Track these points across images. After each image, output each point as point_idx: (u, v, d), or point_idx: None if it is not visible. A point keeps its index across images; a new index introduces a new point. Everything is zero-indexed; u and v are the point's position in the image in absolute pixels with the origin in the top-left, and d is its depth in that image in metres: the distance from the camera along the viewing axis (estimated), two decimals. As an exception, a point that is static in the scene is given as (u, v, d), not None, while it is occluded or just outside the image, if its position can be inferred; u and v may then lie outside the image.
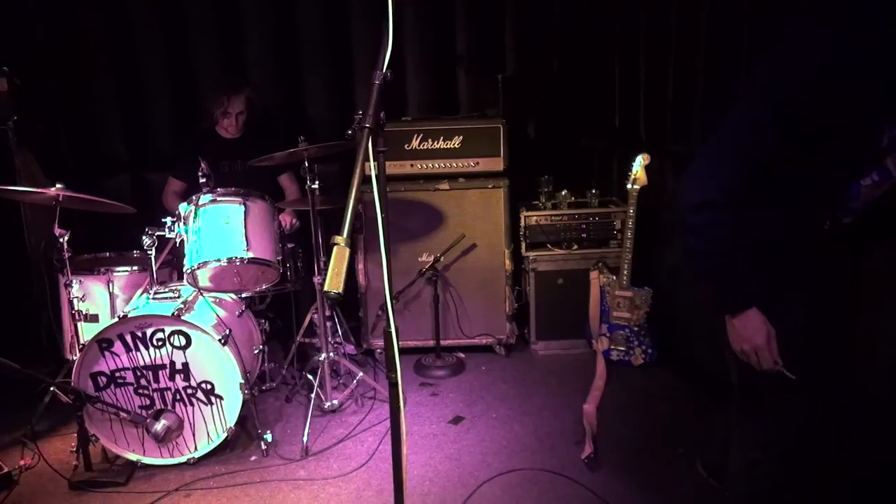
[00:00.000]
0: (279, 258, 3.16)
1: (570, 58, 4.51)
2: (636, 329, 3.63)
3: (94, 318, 3.23)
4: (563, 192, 4.00)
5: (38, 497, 2.71)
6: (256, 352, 3.30)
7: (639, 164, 3.52)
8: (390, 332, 1.57)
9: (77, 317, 3.07)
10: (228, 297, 3.31)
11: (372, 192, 1.56)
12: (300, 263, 3.52)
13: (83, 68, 4.29)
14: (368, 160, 1.48)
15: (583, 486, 2.60)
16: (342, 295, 1.30)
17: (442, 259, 3.73)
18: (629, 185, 3.56)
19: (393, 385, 1.59)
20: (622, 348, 3.67)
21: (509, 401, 3.37)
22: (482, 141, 3.80)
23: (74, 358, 2.98)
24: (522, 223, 3.89)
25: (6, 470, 2.79)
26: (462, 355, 3.87)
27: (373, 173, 1.55)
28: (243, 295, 3.36)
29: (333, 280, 1.30)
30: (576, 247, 3.90)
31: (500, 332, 3.91)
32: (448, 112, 4.34)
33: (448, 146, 3.81)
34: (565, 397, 3.35)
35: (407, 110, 4.40)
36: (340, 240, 1.34)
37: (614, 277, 3.68)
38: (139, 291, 3.22)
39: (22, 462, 2.88)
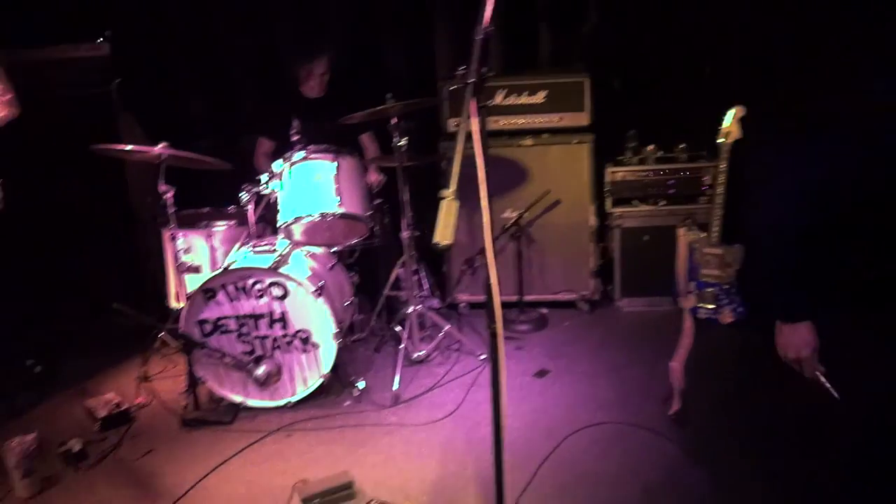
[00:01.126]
0: (369, 213, 3.25)
1: (658, 7, 4.33)
2: (726, 287, 3.53)
3: (196, 270, 3.42)
4: (650, 147, 3.91)
5: (154, 431, 2.95)
6: (347, 304, 3.42)
7: (731, 117, 3.38)
8: (490, 285, 1.61)
9: (182, 268, 3.28)
10: (320, 250, 3.44)
11: (469, 148, 1.58)
12: (387, 219, 3.60)
13: (169, 34, 4.41)
14: (474, 116, 1.50)
15: (670, 442, 2.61)
16: (450, 246, 1.35)
17: (526, 215, 3.73)
18: (720, 140, 3.43)
19: (493, 335, 1.64)
20: (710, 306, 3.58)
21: (593, 356, 3.39)
22: (566, 95, 3.75)
23: (181, 306, 3.19)
24: (608, 179, 3.83)
25: (125, 407, 3.04)
26: (545, 310, 3.90)
27: (475, 128, 1.57)
28: (333, 249, 3.48)
29: (443, 231, 1.34)
30: (663, 203, 3.82)
31: (584, 288, 3.91)
32: (529, 67, 4.27)
33: (532, 101, 3.78)
34: (650, 354, 3.33)
35: (488, 65, 4.34)
36: (448, 193, 1.38)
37: (703, 234, 3.59)
38: (237, 245, 3.39)
39: (137, 400, 3.14)
